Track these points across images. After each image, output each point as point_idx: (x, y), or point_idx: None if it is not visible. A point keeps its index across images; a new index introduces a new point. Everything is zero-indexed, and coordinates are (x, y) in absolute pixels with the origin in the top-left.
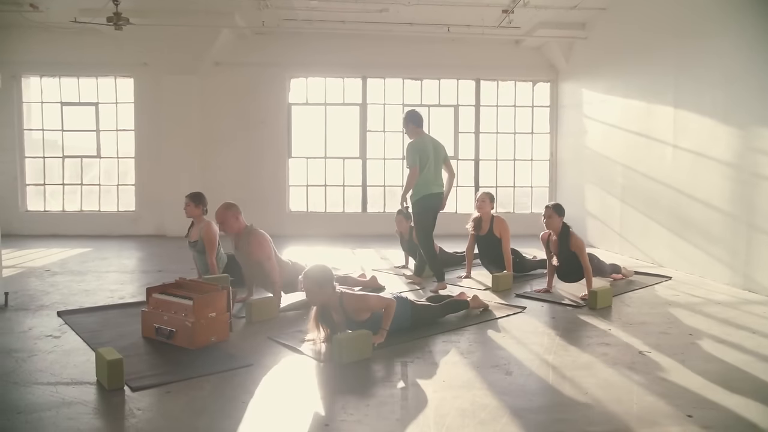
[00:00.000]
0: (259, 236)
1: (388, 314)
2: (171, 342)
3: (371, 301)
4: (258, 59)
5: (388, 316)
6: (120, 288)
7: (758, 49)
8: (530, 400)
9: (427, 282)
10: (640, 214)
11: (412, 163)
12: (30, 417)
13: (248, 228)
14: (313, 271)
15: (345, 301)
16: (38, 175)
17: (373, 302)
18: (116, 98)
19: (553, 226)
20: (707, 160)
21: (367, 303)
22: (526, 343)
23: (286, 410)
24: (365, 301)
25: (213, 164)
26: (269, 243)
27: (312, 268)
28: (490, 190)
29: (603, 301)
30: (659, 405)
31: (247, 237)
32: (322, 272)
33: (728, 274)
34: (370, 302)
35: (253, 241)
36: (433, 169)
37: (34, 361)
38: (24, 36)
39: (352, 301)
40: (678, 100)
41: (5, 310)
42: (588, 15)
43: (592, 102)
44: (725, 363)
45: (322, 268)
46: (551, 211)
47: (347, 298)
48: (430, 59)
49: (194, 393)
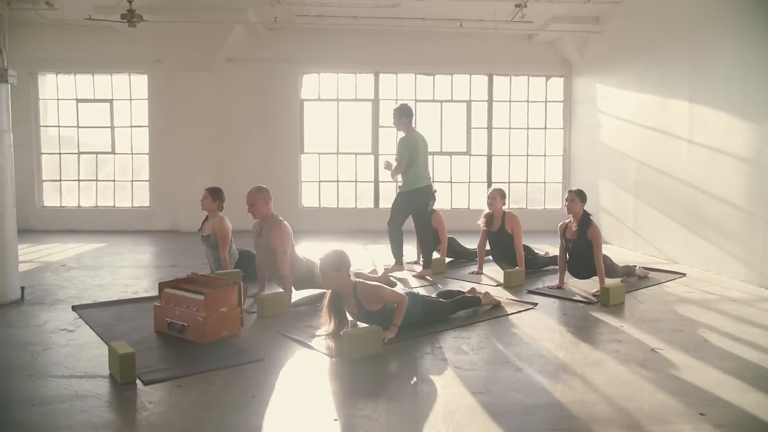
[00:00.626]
0: (282, 227)
1: (400, 310)
2: (183, 336)
3: (385, 292)
4: (270, 55)
5: (400, 312)
6: (134, 283)
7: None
8: (540, 396)
9: (439, 278)
10: (655, 210)
11: (401, 157)
12: (44, 409)
13: (274, 217)
14: (331, 255)
15: (359, 289)
16: (54, 171)
17: (386, 294)
18: (130, 95)
19: (575, 210)
20: (723, 156)
21: (381, 294)
22: (536, 340)
23: (295, 405)
24: (379, 291)
25: (226, 160)
26: (290, 236)
27: (330, 252)
28: (502, 185)
29: (615, 298)
30: (671, 403)
31: (271, 225)
32: (340, 256)
33: (744, 271)
34: (384, 293)
35: (276, 231)
36: (422, 164)
37: (49, 354)
38: (40, 34)
39: (366, 290)
40: (693, 95)
41: (21, 304)
42: (602, 8)
43: (606, 97)
44: (739, 361)
45: (339, 253)
46: (574, 194)
47: (362, 287)
48: (443, 54)
49: (205, 387)
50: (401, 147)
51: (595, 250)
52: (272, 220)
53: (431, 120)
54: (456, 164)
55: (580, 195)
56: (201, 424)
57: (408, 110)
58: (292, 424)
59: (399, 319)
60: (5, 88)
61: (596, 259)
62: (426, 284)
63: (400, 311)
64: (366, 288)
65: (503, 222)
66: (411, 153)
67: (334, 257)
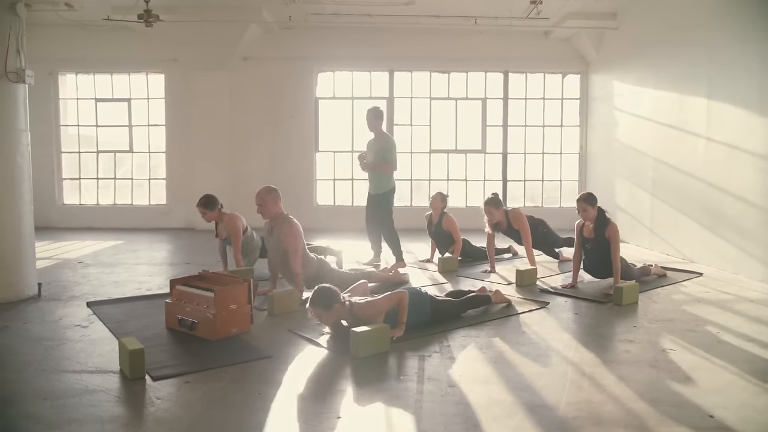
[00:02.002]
0: (293, 226)
1: (402, 307)
2: (193, 333)
3: (381, 305)
4: (285, 54)
5: (403, 309)
6: (148, 280)
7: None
8: (547, 396)
9: (450, 276)
10: (671, 209)
11: (392, 160)
12: (54, 403)
13: (284, 216)
14: (317, 297)
15: (356, 311)
16: (74, 170)
17: (382, 305)
18: (148, 94)
19: (590, 216)
20: (741, 153)
21: (377, 308)
22: (546, 339)
23: (300, 402)
24: (375, 307)
25: (241, 158)
26: (300, 235)
27: (315, 293)
28: (518, 183)
29: (629, 298)
30: (680, 404)
31: (281, 224)
32: (327, 295)
33: (763, 270)
34: (380, 305)
35: (286, 230)
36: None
37: (62, 349)
38: (60, 34)
39: (363, 309)
40: (711, 91)
41: (38, 300)
42: (619, 4)
43: (623, 94)
44: (753, 362)
45: (325, 291)
46: (584, 204)
47: (357, 308)
48: (458, 52)
49: (213, 383)
50: (392, 149)
51: (613, 249)
52: (282, 219)
53: (446, 118)
54: (471, 162)
55: (589, 200)
56: (206, 420)
57: (382, 113)
58: (295, 421)
59: (404, 316)
60: (23, 88)
61: (613, 258)
62: (436, 283)
63: (402, 308)
64: (362, 309)
65: (508, 221)
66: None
67: (318, 299)
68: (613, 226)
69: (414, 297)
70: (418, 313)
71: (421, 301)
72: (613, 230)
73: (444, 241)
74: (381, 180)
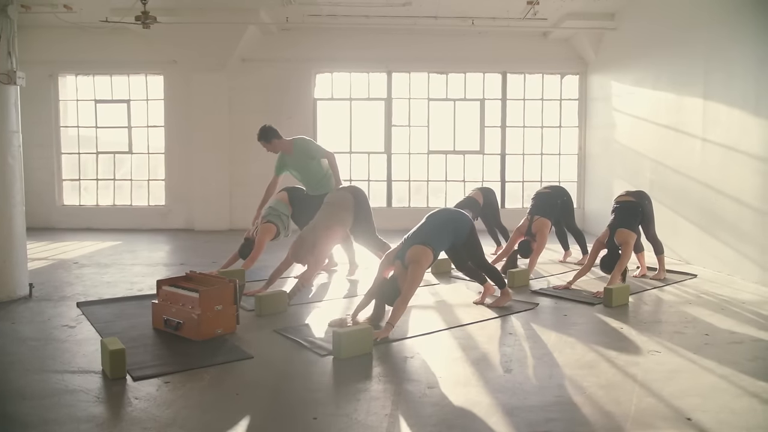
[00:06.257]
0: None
1: (398, 310)
2: (178, 333)
3: (415, 270)
4: (284, 55)
5: (397, 312)
6: (140, 280)
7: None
8: (525, 398)
9: (443, 278)
10: (669, 210)
11: (323, 150)
12: (33, 403)
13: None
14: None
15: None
16: (74, 171)
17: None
18: (147, 95)
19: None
20: (737, 154)
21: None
22: (532, 340)
23: (277, 403)
24: (418, 259)
25: (240, 159)
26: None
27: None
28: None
29: (619, 299)
30: (659, 407)
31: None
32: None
33: (758, 272)
34: (414, 269)
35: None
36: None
37: (47, 349)
38: (59, 36)
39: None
40: (708, 92)
41: (29, 300)
42: (617, 4)
43: (621, 94)
44: (737, 365)
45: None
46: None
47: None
48: (456, 53)
49: (192, 384)
50: (311, 146)
51: (623, 248)
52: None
53: (444, 119)
54: (469, 163)
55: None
56: (182, 420)
57: (269, 130)
58: (270, 422)
59: (395, 320)
60: (14, 90)
61: (621, 257)
62: (428, 284)
63: (397, 311)
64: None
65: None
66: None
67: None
68: (625, 232)
69: (463, 221)
70: (459, 231)
71: (461, 226)
72: (621, 235)
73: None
74: (320, 181)
